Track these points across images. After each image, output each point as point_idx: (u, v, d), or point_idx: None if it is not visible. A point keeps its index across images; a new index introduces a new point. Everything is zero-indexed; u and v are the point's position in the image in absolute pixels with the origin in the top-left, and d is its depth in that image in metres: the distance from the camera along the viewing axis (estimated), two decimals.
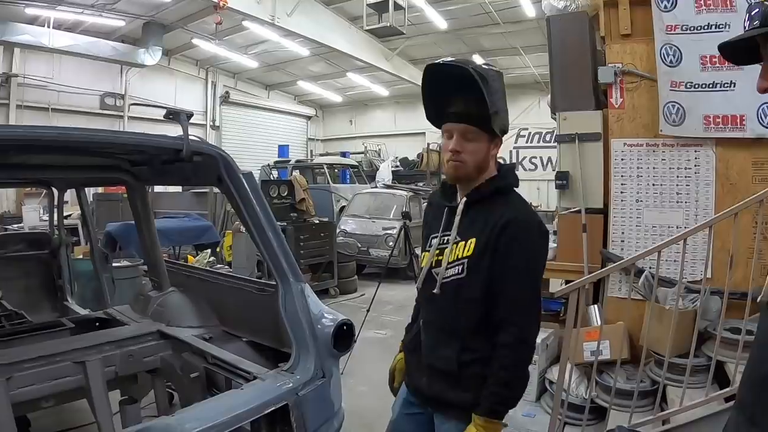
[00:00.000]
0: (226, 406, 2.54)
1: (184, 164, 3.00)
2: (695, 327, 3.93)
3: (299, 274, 3.24)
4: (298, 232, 9.97)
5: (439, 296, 2.30)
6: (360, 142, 25.62)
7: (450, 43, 18.16)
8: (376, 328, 8.11)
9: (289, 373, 2.91)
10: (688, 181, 4.66)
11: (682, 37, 4.49)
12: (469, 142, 2.22)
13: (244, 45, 18.97)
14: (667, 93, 4.55)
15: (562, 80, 5.39)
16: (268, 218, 3.22)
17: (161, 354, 3.53)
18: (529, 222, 2.25)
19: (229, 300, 3.85)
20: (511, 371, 2.17)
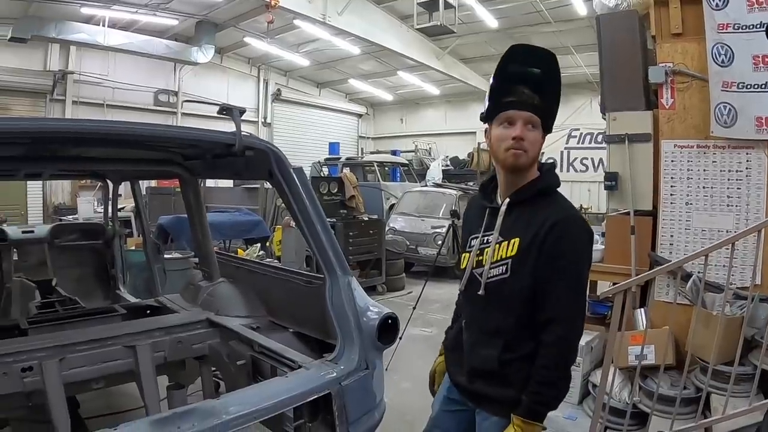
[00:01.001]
0: (269, 392, 2.61)
1: (236, 158, 3.08)
2: (742, 334, 3.84)
3: (347, 268, 3.28)
4: (347, 228, 10.04)
5: (483, 297, 2.28)
6: (411, 141, 25.63)
7: (501, 41, 17.97)
8: (423, 325, 8.12)
9: (333, 363, 2.98)
10: (739, 184, 4.54)
11: (733, 36, 4.38)
12: (533, 131, 2.21)
13: (296, 43, 19.14)
14: (719, 93, 4.45)
15: (612, 80, 5.31)
16: (318, 212, 3.26)
17: (209, 341, 3.63)
18: (576, 223, 2.26)
19: (277, 291, 3.93)
20: (554, 371, 2.16)
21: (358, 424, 2.97)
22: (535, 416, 2.14)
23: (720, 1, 4.39)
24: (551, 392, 2.17)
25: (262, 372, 3.23)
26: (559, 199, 2.33)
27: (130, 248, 7.32)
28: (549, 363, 2.14)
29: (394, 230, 12.61)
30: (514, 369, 2.23)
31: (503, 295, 2.25)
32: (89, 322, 3.80)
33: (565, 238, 2.18)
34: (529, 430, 2.13)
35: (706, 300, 4.32)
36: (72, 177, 8.93)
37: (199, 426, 2.25)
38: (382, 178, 17.86)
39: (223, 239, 9.65)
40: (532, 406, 2.14)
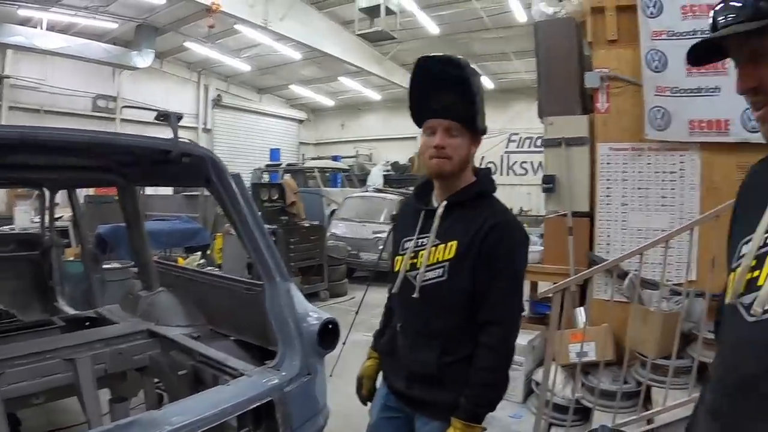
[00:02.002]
0: (212, 401, 2.57)
1: (174, 165, 3.03)
2: (679, 328, 3.97)
3: (285, 274, 3.26)
4: (288, 235, 9.98)
5: (418, 300, 2.27)
6: (351, 146, 25.70)
7: (442, 47, 18.15)
8: (365, 330, 8.09)
9: (275, 370, 2.95)
10: (673, 185, 4.71)
11: (667, 42, 4.55)
12: (454, 138, 2.21)
13: (237, 48, 19.00)
14: (653, 98, 4.61)
15: (549, 85, 5.46)
16: (256, 219, 3.24)
17: (150, 352, 3.55)
18: (513, 226, 2.28)
19: (216, 299, 3.89)
20: (492, 373, 2.18)
21: (302, 430, 2.96)
22: (475, 418, 2.15)
23: (654, 9, 4.56)
24: (490, 394, 2.20)
25: (205, 381, 3.17)
26: (496, 203, 2.35)
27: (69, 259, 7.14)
28: (487, 365, 2.17)
29: (335, 236, 12.57)
30: (453, 372, 2.23)
31: (440, 297, 2.25)
32: (27, 336, 3.71)
33: (504, 241, 2.20)
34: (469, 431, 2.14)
35: (643, 297, 4.46)
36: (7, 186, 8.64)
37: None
38: (323, 184, 17.87)
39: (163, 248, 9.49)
40: (472, 408, 2.15)
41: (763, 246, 1.23)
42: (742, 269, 1.25)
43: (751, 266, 1.24)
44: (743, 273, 1.24)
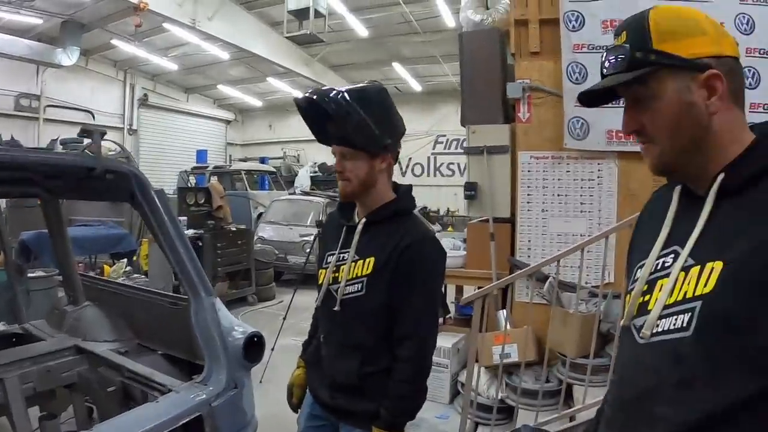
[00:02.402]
0: (141, 419, 2.56)
1: (98, 181, 3.01)
2: (596, 329, 4.14)
3: (210, 289, 3.27)
4: (215, 239, 9.86)
5: (340, 312, 2.36)
6: (279, 148, 25.46)
7: (370, 50, 18.35)
8: (294, 335, 8.09)
9: (203, 384, 2.95)
10: (592, 191, 4.91)
11: (588, 56, 4.74)
12: (348, 161, 2.30)
13: (164, 47, 18.54)
14: (572, 109, 4.79)
15: (473, 94, 5.60)
16: (180, 235, 3.24)
17: (78, 369, 3.49)
18: (429, 243, 2.36)
19: (143, 313, 3.84)
20: (410, 385, 2.26)
21: None
22: (394, 427, 2.25)
23: (576, 23, 4.75)
24: (408, 404, 2.29)
25: (134, 397, 3.15)
26: (414, 221, 2.43)
27: None
28: (404, 377, 2.25)
29: (262, 239, 12.53)
30: (373, 382, 2.30)
31: (359, 311, 2.33)
32: None
33: (419, 259, 2.28)
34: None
35: (562, 299, 4.63)
36: None
37: None
38: (250, 186, 17.71)
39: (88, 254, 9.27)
40: (391, 418, 2.24)
41: (654, 272, 1.33)
42: (635, 293, 1.35)
43: (642, 290, 1.33)
44: (636, 297, 1.34)
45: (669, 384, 1.20)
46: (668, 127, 1.27)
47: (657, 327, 1.24)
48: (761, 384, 1.08)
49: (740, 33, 4.58)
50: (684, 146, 1.27)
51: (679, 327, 1.19)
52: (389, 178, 2.43)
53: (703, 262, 1.19)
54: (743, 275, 1.11)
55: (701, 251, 1.22)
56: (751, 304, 1.09)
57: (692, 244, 1.24)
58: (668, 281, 1.25)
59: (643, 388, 1.27)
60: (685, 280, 1.22)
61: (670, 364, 1.20)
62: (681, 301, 1.21)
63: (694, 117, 1.24)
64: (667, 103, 1.25)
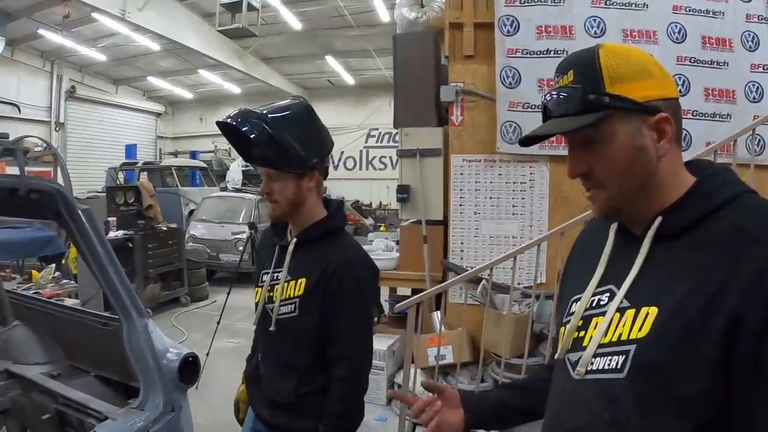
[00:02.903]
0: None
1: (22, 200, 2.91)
2: (529, 329, 4.21)
3: (142, 310, 3.15)
4: (145, 240, 9.63)
5: (275, 333, 2.36)
6: (210, 141, 25.01)
7: (303, 43, 18.21)
8: (229, 336, 8.03)
9: (139, 410, 2.88)
10: (524, 194, 5.00)
11: (521, 60, 4.81)
12: (275, 182, 2.28)
13: (93, 37, 17.85)
14: (505, 113, 4.86)
15: (406, 97, 5.61)
16: (108, 254, 3.10)
17: (10, 394, 3.35)
18: (359, 263, 2.36)
19: (74, 333, 3.69)
20: (344, 403, 2.28)
21: None
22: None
23: (511, 28, 4.82)
24: (344, 423, 2.29)
25: (70, 423, 3.05)
26: (345, 240, 2.44)
27: None
28: (339, 396, 2.26)
29: (194, 238, 12.34)
30: (310, 401, 2.31)
31: (293, 332, 2.33)
32: None
33: (349, 279, 2.27)
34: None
35: (495, 301, 4.69)
36: None
37: None
38: (181, 182, 17.34)
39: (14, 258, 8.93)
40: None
41: (589, 308, 1.33)
42: (570, 327, 1.35)
43: (578, 326, 1.34)
44: (571, 331, 1.35)
45: (602, 422, 1.21)
46: (619, 171, 1.25)
47: (591, 365, 1.25)
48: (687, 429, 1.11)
49: (672, 42, 4.74)
50: (633, 190, 1.26)
51: (613, 368, 1.20)
52: (319, 195, 2.42)
53: (639, 306, 1.21)
54: (675, 324, 1.13)
55: (636, 294, 1.23)
56: (682, 353, 1.11)
57: (628, 286, 1.25)
58: (603, 320, 1.26)
59: (576, 424, 1.28)
60: (620, 322, 1.23)
61: (603, 403, 1.22)
62: (616, 342, 1.22)
63: (644, 161, 1.24)
64: (618, 147, 1.24)
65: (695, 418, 1.11)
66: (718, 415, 1.11)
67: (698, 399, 1.11)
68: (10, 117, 17.17)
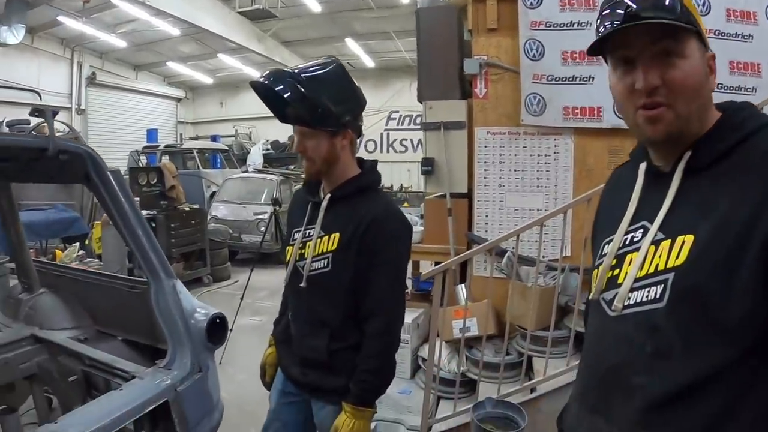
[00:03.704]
0: (107, 408, 2.50)
1: (50, 162, 2.93)
2: (555, 302, 4.21)
3: (170, 271, 3.21)
4: (168, 220, 9.73)
5: (306, 289, 2.36)
6: (231, 125, 25.09)
7: (323, 25, 18.14)
8: (252, 314, 8.10)
9: (167, 369, 2.90)
10: (548, 167, 4.96)
11: (545, 33, 4.76)
12: (309, 140, 2.29)
13: (113, 23, 17.93)
14: (529, 85, 4.82)
15: (430, 70, 5.58)
16: (137, 216, 3.16)
17: (37, 359, 3.39)
18: (394, 218, 2.36)
19: (101, 298, 3.73)
20: (378, 360, 2.28)
21: (200, 427, 2.95)
22: (364, 402, 2.26)
23: (534, 1, 4.76)
24: (377, 380, 2.30)
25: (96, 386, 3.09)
26: (379, 196, 2.44)
27: None
28: (373, 352, 2.27)
29: (216, 219, 12.41)
30: (342, 359, 2.32)
31: (325, 287, 2.34)
32: None
33: (383, 234, 2.28)
34: (359, 415, 2.24)
35: (520, 273, 4.69)
36: None
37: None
38: (202, 165, 17.42)
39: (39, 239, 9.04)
40: (361, 393, 2.25)
41: (622, 247, 1.35)
42: (603, 267, 1.37)
43: (611, 265, 1.36)
44: (604, 271, 1.36)
45: (644, 354, 1.22)
46: (692, 90, 1.23)
47: (628, 300, 1.26)
48: (731, 355, 1.12)
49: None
50: (694, 114, 1.25)
51: (651, 299, 1.21)
52: (353, 153, 2.42)
53: (674, 235, 1.21)
54: (713, 248, 1.14)
55: (671, 225, 1.24)
56: (721, 277, 1.12)
57: (662, 218, 1.26)
58: (638, 255, 1.27)
59: (617, 360, 1.29)
60: (656, 254, 1.23)
61: (644, 335, 1.22)
62: (653, 273, 1.23)
63: (708, 87, 1.26)
64: (694, 66, 1.23)
65: (738, 343, 1.12)
66: (763, 339, 1.11)
67: (740, 323, 1.11)
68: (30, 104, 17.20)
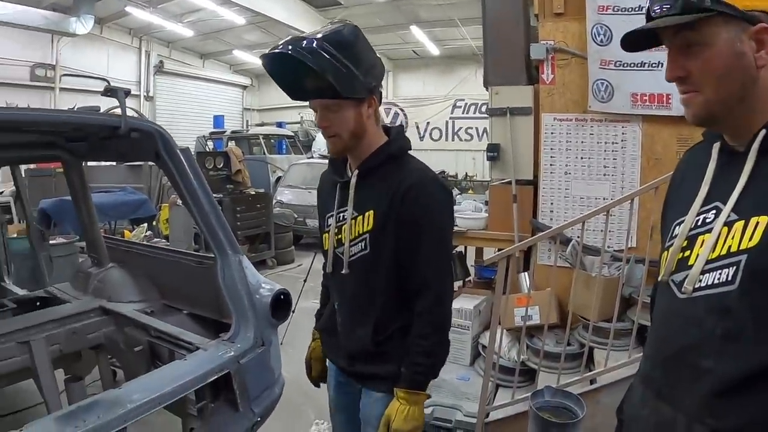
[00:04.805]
0: (171, 376, 2.58)
1: (121, 140, 3.01)
2: (619, 293, 4.11)
3: (237, 247, 3.28)
4: (234, 204, 9.94)
5: (349, 276, 2.23)
6: (296, 112, 25.30)
7: (388, 13, 18.15)
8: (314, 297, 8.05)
9: (230, 342, 2.97)
10: (615, 155, 4.84)
11: (613, 17, 4.63)
12: (334, 113, 2.10)
13: (179, 13, 18.45)
14: (597, 71, 4.71)
15: (496, 55, 5.51)
16: (206, 192, 3.24)
17: (104, 330, 3.55)
18: (432, 183, 2.17)
19: (168, 273, 3.86)
20: (430, 338, 2.14)
21: (260, 400, 3.02)
22: (418, 386, 2.15)
23: None
24: (430, 360, 2.17)
25: (161, 356, 3.20)
26: (411, 162, 2.24)
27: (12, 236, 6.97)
28: (425, 331, 2.13)
29: (281, 203, 12.59)
30: (391, 345, 2.22)
31: (367, 272, 2.20)
32: None
33: (422, 201, 2.10)
34: (413, 400, 2.12)
35: (585, 262, 4.60)
36: None
37: (105, 417, 2.21)
38: (268, 150, 17.71)
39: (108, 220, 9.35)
40: (413, 376, 2.14)
41: (693, 228, 1.32)
42: (674, 249, 1.34)
43: (682, 246, 1.33)
44: (675, 252, 1.34)
45: (714, 337, 1.20)
46: (717, 75, 1.23)
47: (699, 282, 1.24)
48: None
49: None
50: (730, 96, 1.23)
51: (723, 281, 1.19)
52: (377, 122, 2.24)
53: (747, 216, 1.18)
54: None
55: (744, 206, 1.21)
56: None
57: (735, 199, 1.23)
58: (710, 236, 1.25)
59: (686, 343, 1.27)
60: (728, 235, 1.21)
61: (714, 318, 1.20)
62: (725, 255, 1.20)
63: (744, 68, 1.21)
64: (718, 51, 1.22)
65: None
66: None
67: None
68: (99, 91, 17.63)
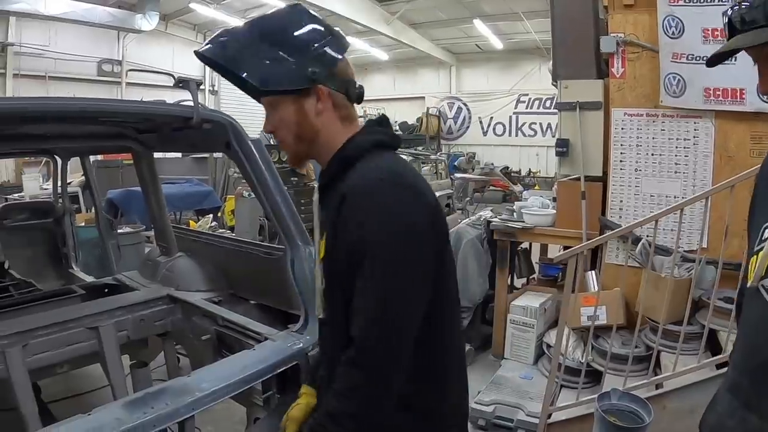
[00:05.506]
0: (239, 366, 2.59)
1: (193, 131, 3.05)
2: (690, 295, 3.99)
3: (307, 238, 3.23)
4: (299, 196, 9.98)
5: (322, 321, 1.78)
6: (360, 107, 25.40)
7: (451, 7, 18.05)
8: None
9: (299, 333, 2.96)
10: (687, 152, 4.69)
11: (684, 9, 4.48)
12: (276, 113, 1.67)
13: (242, 9, 18.73)
14: (668, 64, 4.57)
15: (564, 49, 5.43)
16: (277, 183, 3.22)
17: (171, 318, 3.61)
18: (371, 188, 1.52)
19: (236, 264, 3.88)
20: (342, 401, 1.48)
21: None
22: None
23: None
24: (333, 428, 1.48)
25: (228, 346, 3.20)
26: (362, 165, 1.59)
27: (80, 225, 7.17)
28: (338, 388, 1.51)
29: None
30: None
31: (329, 310, 1.70)
32: (48, 305, 3.73)
33: (351, 217, 1.50)
34: None
35: (655, 263, 4.48)
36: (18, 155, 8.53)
37: (173, 404, 2.21)
38: None
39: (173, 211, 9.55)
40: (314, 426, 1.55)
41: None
42: (764, 253, 1.27)
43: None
44: (765, 257, 1.26)
45: None
46: None
47: None
48: None
49: None
50: None
51: None
52: (344, 119, 1.71)
53: None
54: None
55: None
56: None
57: None
58: None
59: None
60: None
61: None
62: None
63: None
64: None
65: None
66: None
67: None
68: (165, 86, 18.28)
